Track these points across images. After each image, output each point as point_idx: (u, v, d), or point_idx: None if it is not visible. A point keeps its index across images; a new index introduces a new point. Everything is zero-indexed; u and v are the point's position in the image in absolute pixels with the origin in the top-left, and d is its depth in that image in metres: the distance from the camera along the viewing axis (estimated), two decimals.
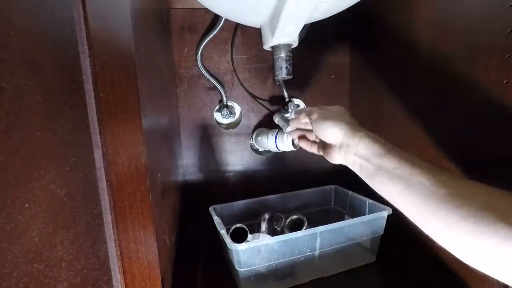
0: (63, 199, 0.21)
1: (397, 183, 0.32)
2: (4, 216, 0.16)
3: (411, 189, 0.30)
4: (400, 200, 0.32)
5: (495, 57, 0.42)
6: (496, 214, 0.24)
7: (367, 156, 0.36)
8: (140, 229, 0.34)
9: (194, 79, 0.75)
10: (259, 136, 0.75)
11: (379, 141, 0.36)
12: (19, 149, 0.17)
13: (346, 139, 0.39)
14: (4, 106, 0.16)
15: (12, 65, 0.17)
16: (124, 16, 0.34)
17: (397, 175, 0.32)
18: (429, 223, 0.29)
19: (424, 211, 0.29)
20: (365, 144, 0.37)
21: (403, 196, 0.31)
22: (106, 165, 0.26)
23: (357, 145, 0.37)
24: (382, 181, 0.34)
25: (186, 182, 0.78)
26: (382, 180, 0.34)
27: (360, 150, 0.37)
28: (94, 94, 0.25)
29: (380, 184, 0.34)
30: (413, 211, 0.30)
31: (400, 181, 0.31)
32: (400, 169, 0.32)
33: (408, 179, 0.31)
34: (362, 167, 0.37)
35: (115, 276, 0.28)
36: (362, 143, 0.37)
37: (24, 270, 0.17)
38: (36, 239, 0.18)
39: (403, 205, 0.32)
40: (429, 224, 0.29)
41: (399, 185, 0.31)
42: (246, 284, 0.53)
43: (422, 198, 0.29)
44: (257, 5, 0.49)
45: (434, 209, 0.28)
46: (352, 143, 0.38)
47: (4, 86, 0.16)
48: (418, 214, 0.30)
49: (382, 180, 0.34)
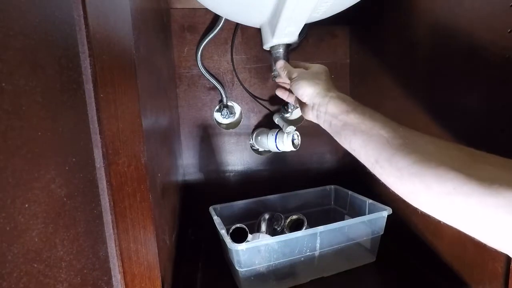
0: (63, 199, 0.21)
1: (359, 136, 0.35)
2: (4, 216, 0.16)
3: (371, 140, 0.34)
4: (362, 151, 0.35)
5: (495, 57, 0.42)
6: (441, 159, 0.27)
7: (335, 114, 0.40)
8: (140, 229, 0.34)
9: (194, 79, 0.75)
10: (259, 136, 0.75)
11: (347, 100, 0.40)
12: (19, 149, 0.17)
13: (318, 99, 0.43)
14: (4, 106, 0.16)
15: (12, 65, 0.17)
16: (124, 16, 0.34)
17: (360, 129, 0.36)
18: (384, 170, 0.32)
19: (381, 159, 0.32)
20: (334, 103, 0.40)
21: (364, 147, 0.35)
22: (106, 165, 0.26)
23: (327, 104, 0.41)
24: (347, 134, 0.37)
25: (186, 182, 0.78)
26: (347, 134, 0.37)
27: (329, 108, 0.41)
28: (94, 94, 0.25)
29: (345, 138, 0.38)
30: (372, 160, 0.33)
31: (362, 134, 0.35)
32: (363, 124, 0.36)
33: (369, 132, 0.34)
34: (330, 124, 0.40)
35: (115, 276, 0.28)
36: (331, 102, 0.41)
37: (24, 270, 0.17)
38: (36, 239, 0.18)
39: (364, 155, 0.35)
40: (385, 170, 0.32)
41: (361, 137, 0.35)
42: (246, 284, 0.53)
43: (380, 148, 0.32)
44: (257, 5, 0.49)
45: (389, 156, 0.31)
46: (322, 102, 0.42)
47: (4, 86, 0.16)
48: (376, 163, 0.33)
49: (347, 134, 0.37)
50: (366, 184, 0.76)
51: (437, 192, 0.26)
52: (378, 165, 0.33)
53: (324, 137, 0.86)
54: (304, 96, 0.45)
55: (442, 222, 0.28)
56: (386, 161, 0.31)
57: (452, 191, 0.25)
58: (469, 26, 0.45)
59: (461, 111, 0.48)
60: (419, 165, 0.28)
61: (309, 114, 0.46)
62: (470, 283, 0.49)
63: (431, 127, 0.55)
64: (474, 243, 0.47)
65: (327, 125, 0.42)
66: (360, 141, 0.35)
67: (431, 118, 0.55)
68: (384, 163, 0.32)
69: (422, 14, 0.55)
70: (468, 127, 0.47)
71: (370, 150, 0.34)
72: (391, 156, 0.31)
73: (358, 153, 0.36)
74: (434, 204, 0.27)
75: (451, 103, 0.50)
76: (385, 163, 0.31)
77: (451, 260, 0.52)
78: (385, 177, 0.32)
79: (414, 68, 0.58)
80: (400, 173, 0.30)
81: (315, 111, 0.43)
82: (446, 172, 0.26)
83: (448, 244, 0.53)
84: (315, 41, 0.79)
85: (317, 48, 0.80)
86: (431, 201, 0.27)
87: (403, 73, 0.62)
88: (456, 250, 0.51)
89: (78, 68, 0.24)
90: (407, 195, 0.30)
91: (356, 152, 0.37)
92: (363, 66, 0.77)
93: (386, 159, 0.31)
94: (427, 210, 0.29)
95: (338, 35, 0.81)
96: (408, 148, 0.30)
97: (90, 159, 0.25)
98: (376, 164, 0.33)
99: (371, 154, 0.33)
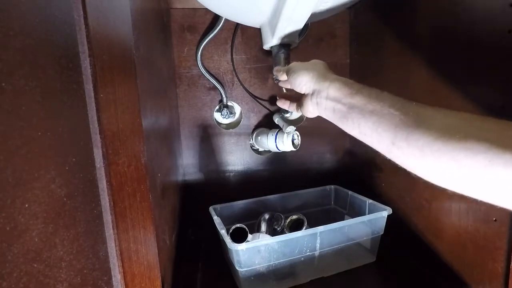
0: (63, 199, 0.21)
1: (369, 118, 0.32)
2: (4, 216, 0.16)
3: (382, 121, 0.31)
4: (374, 134, 0.32)
5: (495, 57, 0.42)
6: (468, 131, 0.25)
7: (338, 98, 0.37)
8: (140, 229, 0.34)
9: (194, 79, 0.75)
10: (259, 136, 0.75)
11: (348, 83, 0.37)
12: (19, 149, 0.17)
13: (317, 85, 0.40)
14: (4, 106, 0.16)
15: (12, 65, 0.17)
16: (124, 16, 0.34)
17: (368, 110, 0.33)
18: (403, 151, 0.29)
19: (397, 140, 0.29)
20: (335, 87, 0.38)
21: (375, 130, 0.31)
22: (106, 165, 0.26)
23: (327, 88, 0.38)
24: (354, 118, 0.34)
25: (186, 182, 0.78)
26: (355, 117, 0.34)
27: (331, 92, 0.38)
28: (94, 94, 0.25)
29: (353, 122, 0.34)
30: (387, 142, 0.30)
31: (372, 115, 0.32)
32: (370, 104, 0.33)
33: (379, 112, 0.31)
34: (334, 110, 0.37)
35: (115, 276, 0.28)
36: (332, 86, 0.38)
37: (24, 270, 0.17)
38: (36, 239, 0.18)
39: (377, 138, 0.32)
40: (403, 152, 0.29)
41: (371, 118, 0.32)
42: (246, 284, 0.53)
43: (394, 127, 0.29)
44: (257, 5, 0.49)
45: (406, 135, 0.28)
46: (323, 87, 0.39)
47: (4, 86, 0.16)
48: (393, 144, 0.29)
49: (354, 117, 0.34)
50: (366, 184, 0.76)
51: (469, 167, 0.24)
52: (394, 147, 0.29)
53: (324, 137, 0.87)
54: (302, 85, 0.42)
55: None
56: (403, 140, 0.28)
57: (487, 164, 0.23)
58: (469, 26, 0.45)
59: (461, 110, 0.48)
60: (444, 140, 0.25)
61: (309, 106, 0.42)
62: (470, 283, 0.49)
63: None
64: (474, 243, 0.47)
65: (329, 112, 0.38)
66: (371, 123, 0.32)
67: None
68: (401, 144, 0.28)
69: (423, 14, 0.55)
70: None
71: (384, 132, 0.30)
72: (409, 134, 0.28)
73: (370, 137, 0.33)
74: (467, 180, 0.25)
75: (451, 104, 0.50)
76: (403, 143, 0.28)
77: (451, 260, 0.52)
78: (403, 160, 0.29)
79: (414, 69, 0.58)
80: (422, 152, 0.27)
81: (315, 99, 0.40)
82: (477, 144, 0.23)
83: (448, 244, 0.53)
84: (315, 41, 0.79)
85: (317, 48, 0.80)
86: (462, 178, 0.25)
87: (403, 73, 0.62)
88: (456, 250, 0.51)
89: (78, 68, 0.24)
90: (432, 175, 0.27)
91: (367, 137, 0.33)
92: (363, 66, 0.77)
93: (403, 139, 0.28)
94: (458, 188, 0.26)
95: (338, 35, 0.81)
96: (427, 123, 0.27)
97: (90, 159, 0.25)
98: (393, 146, 0.29)
99: (385, 135, 0.30)
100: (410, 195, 0.62)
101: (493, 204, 0.24)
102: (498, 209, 0.43)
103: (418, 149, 0.27)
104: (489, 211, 0.45)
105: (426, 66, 0.55)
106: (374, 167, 0.73)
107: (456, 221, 0.50)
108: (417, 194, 0.59)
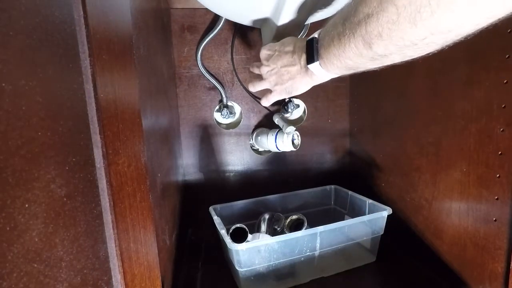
0: (63, 199, 0.21)
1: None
2: (4, 216, 0.16)
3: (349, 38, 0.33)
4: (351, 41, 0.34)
5: (495, 57, 0.42)
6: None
7: (327, 28, 0.37)
8: (140, 229, 0.34)
9: (194, 79, 0.75)
10: (259, 136, 0.75)
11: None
12: (19, 149, 0.17)
13: (300, 42, 0.42)
14: (4, 106, 0.16)
15: (12, 65, 0.17)
16: (124, 16, 0.34)
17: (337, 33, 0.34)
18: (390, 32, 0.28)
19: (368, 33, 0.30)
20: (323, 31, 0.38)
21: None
22: (106, 165, 0.26)
23: (317, 33, 0.39)
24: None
25: (186, 182, 0.78)
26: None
27: (319, 33, 0.38)
28: (94, 93, 0.25)
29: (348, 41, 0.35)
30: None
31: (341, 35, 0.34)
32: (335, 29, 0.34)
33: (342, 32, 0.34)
34: (333, 37, 0.36)
35: (115, 276, 0.28)
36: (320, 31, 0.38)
37: (24, 270, 0.17)
38: (36, 239, 0.18)
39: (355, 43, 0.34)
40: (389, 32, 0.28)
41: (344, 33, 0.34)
42: (246, 284, 0.53)
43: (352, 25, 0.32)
44: (257, 5, 0.49)
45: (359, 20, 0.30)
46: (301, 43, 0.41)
47: (4, 86, 0.16)
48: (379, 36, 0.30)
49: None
50: (366, 184, 0.76)
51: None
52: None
53: (324, 137, 0.87)
54: (287, 44, 0.44)
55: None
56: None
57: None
58: None
59: (461, 111, 0.48)
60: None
61: (296, 68, 0.44)
62: (470, 283, 0.49)
63: (431, 127, 0.55)
64: (474, 243, 0.48)
65: (326, 41, 0.37)
66: None
67: (431, 118, 0.55)
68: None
69: None
70: (467, 127, 0.47)
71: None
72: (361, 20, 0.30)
73: None
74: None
75: (451, 103, 0.50)
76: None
77: (451, 260, 0.52)
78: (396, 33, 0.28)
79: (414, 69, 0.58)
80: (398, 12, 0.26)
81: (297, 51, 0.42)
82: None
83: (448, 244, 0.53)
84: None
85: None
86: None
87: (403, 73, 0.62)
88: (456, 250, 0.51)
89: (78, 68, 0.24)
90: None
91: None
92: None
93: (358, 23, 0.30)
94: None
95: None
96: None
97: (90, 159, 0.25)
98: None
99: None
100: (410, 195, 0.62)
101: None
102: (498, 209, 0.43)
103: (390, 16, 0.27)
104: (489, 211, 0.45)
105: (426, 66, 0.55)
106: (374, 167, 0.73)
107: (456, 221, 0.50)
108: (417, 194, 0.60)
